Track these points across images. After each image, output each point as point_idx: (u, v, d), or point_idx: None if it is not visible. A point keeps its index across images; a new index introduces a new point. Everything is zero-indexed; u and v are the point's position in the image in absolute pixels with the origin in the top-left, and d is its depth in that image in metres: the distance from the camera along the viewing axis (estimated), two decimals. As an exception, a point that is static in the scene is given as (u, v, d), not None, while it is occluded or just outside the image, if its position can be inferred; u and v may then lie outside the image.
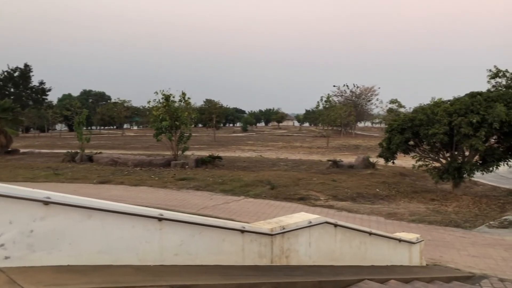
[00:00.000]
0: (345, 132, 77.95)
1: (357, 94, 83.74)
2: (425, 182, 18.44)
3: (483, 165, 15.31)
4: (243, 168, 22.07)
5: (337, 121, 58.59)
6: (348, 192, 15.30)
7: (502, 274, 7.19)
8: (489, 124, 13.51)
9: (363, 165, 21.90)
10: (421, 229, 10.46)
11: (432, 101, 16.52)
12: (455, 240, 9.61)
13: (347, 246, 5.64)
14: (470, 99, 14.49)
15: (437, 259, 7.99)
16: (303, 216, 5.24)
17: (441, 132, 14.05)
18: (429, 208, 13.38)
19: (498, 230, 10.74)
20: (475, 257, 8.27)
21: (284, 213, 8.35)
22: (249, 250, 4.46)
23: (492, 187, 17.74)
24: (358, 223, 10.72)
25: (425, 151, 16.30)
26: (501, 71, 15.37)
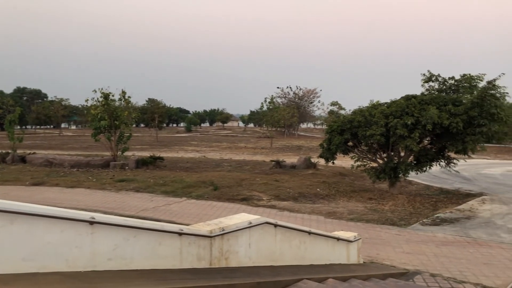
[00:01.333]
0: (288, 133, 79.13)
1: (300, 96, 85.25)
2: (364, 181, 19.04)
3: (417, 165, 16.05)
4: (186, 169, 21.77)
5: (280, 122, 59.41)
6: (290, 192, 15.48)
7: (433, 269, 7.52)
8: (423, 125, 14.16)
9: (305, 166, 22.28)
10: (359, 227, 10.77)
11: (370, 104, 17.10)
12: (391, 238, 9.97)
13: (287, 246, 5.66)
14: (406, 101, 15.13)
15: (374, 256, 8.24)
16: (244, 217, 5.19)
17: (378, 133, 14.56)
18: (367, 206, 13.82)
19: (431, 227, 11.26)
20: (409, 254, 8.60)
21: (226, 214, 8.28)
22: (187, 253, 4.35)
23: (425, 186, 18.63)
24: (299, 222, 10.88)
25: (363, 152, 16.84)
26: (434, 75, 16.15)
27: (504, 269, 7.66)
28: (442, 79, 15.97)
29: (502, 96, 14.71)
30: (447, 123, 14.02)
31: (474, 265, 7.91)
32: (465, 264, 7.98)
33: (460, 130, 14.23)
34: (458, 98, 15.23)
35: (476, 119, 14.24)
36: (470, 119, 14.30)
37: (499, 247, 9.27)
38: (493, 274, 7.37)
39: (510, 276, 7.29)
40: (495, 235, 10.34)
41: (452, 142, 14.95)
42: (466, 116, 14.23)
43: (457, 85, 15.63)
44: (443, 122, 14.04)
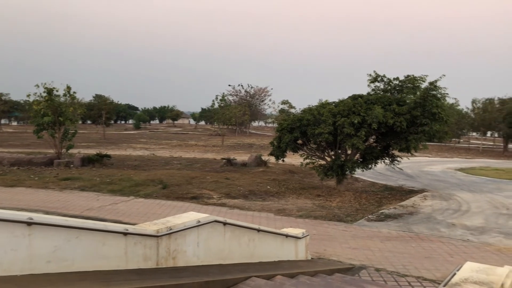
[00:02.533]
0: (240, 131, 79.20)
1: (251, 94, 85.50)
2: (312, 179, 19.38)
3: (363, 162, 16.55)
4: (134, 167, 21.29)
5: (232, 120, 59.31)
6: (240, 190, 15.49)
7: (378, 264, 7.77)
8: (369, 124, 14.60)
9: (256, 163, 22.39)
10: (307, 224, 10.95)
11: (319, 103, 17.41)
12: (338, 234, 10.21)
13: (236, 244, 5.65)
14: (352, 101, 15.54)
15: (322, 252, 8.40)
16: (192, 216, 5.13)
17: (326, 132, 14.87)
18: (315, 203, 14.07)
19: (376, 223, 11.63)
20: (355, 249, 8.84)
21: (175, 213, 8.15)
22: (132, 253, 4.24)
23: (371, 183, 19.23)
24: (249, 220, 10.91)
25: (312, 150, 17.14)
26: (379, 76, 16.68)
27: (444, 262, 8.03)
28: (387, 79, 16.52)
29: (442, 96, 15.42)
30: (391, 122, 14.53)
31: (416, 259, 8.24)
32: (408, 258, 8.30)
33: (404, 129, 14.79)
34: (402, 98, 15.82)
35: (418, 119, 14.86)
36: (413, 118, 14.90)
37: (439, 241, 9.72)
38: (433, 267, 7.71)
39: (449, 268, 7.65)
40: (435, 230, 10.83)
41: (396, 141, 15.53)
42: (410, 115, 14.82)
43: (401, 85, 16.22)
44: (388, 121, 14.53)
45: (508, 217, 12.45)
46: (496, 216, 12.55)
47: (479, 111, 48.68)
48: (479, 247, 9.32)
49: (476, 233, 10.55)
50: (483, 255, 8.62)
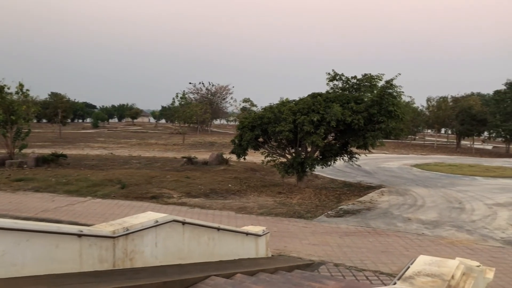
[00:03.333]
0: (201, 129, 78.63)
1: (212, 92, 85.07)
2: (273, 176, 19.51)
3: (323, 159, 16.80)
4: (92, 166, 20.74)
5: (193, 118, 58.80)
6: (201, 189, 15.39)
7: (337, 259, 7.91)
8: (328, 122, 14.83)
9: (217, 162, 22.31)
10: (268, 221, 11.00)
11: (280, 101, 17.53)
12: (298, 230, 10.31)
13: (196, 243, 5.60)
14: (312, 99, 15.73)
15: (282, 249, 8.46)
16: (150, 216, 5.04)
17: (287, 130, 15.00)
18: (276, 201, 14.17)
19: (335, 219, 11.84)
20: (315, 245, 8.96)
21: (134, 213, 7.98)
22: (88, 255, 4.12)
23: (330, 180, 19.55)
24: (210, 219, 10.85)
25: (273, 147, 17.24)
26: (338, 74, 16.96)
27: (399, 256, 8.27)
28: (346, 78, 16.83)
29: (398, 95, 15.86)
30: (349, 120, 14.81)
31: (373, 254, 8.44)
32: (365, 253, 8.49)
33: (362, 126, 15.11)
34: (359, 96, 16.16)
35: (375, 116, 15.21)
36: (370, 116, 15.24)
37: (396, 236, 10.00)
38: (390, 261, 7.93)
39: (405, 262, 7.88)
40: (392, 225, 11.13)
41: (354, 138, 15.84)
42: (367, 113, 15.15)
43: (359, 84, 16.56)
44: (346, 119, 14.80)
45: (461, 211, 12.95)
46: (449, 210, 13.03)
47: (434, 109, 50.43)
48: (433, 241, 9.65)
49: (431, 227, 10.92)
50: (437, 248, 8.94)
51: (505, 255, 8.66)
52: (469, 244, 9.44)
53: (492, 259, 8.18)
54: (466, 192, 16.47)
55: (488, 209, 13.30)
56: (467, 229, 10.77)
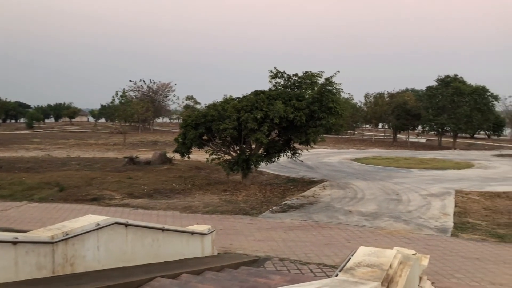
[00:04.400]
0: (143, 128, 76.86)
1: (154, 89, 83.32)
2: (219, 174, 19.48)
3: (267, 156, 17.01)
4: (27, 169, 19.73)
5: (134, 117, 57.47)
6: (144, 189, 15.10)
7: (282, 254, 8.05)
8: (271, 119, 15.02)
9: (160, 161, 21.94)
10: (214, 219, 11.00)
11: (223, 98, 17.52)
12: (244, 227, 10.39)
13: (140, 245, 5.49)
14: (255, 96, 15.86)
15: (228, 247, 8.49)
16: (91, 219, 4.88)
17: (231, 127, 15.03)
18: (222, 198, 14.18)
19: (280, 214, 12.03)
20: (260, 241, 9.06)
21: (74, 217, 7.69)
22: (24, 263, 3.93)
23: (275, 176, 19.81)
24: (154, 219, 10.68)
25: (218, 145, 17.22)
26: (280, 72, 17.20)
27: (342, 248, 8.55)
28: (287, 75, 17.10)
29: (337, 92, 16.35)
30: (292, 116, 15.08)
31: (317, 247, 8.67)
32: (309, 246, 8.71)
33: (304, 123, 15.44)
34: (301, 93, 16.49)
35: (316, 113, 15.60)
36: (311, 113, 15.61)
37: (338, 228, 10.33)
38: (333, 253, 8.18)
39: (346, 253, 8.14)
40: (334, 218, 11.48)
41: (297, 134, 16.15)
42: (308, 110, 15.50)
43: (300, 81, 16.89)
44: (288, 116, 15.06)
45: (398, 202, 13.58)
46: (387, 202, 13.63)
47: (371, 104, 52.41)
48: (373, 232, 10.06)
49: (370, 219, 11.38)
50: (376, 239, 9.33)
51: (438, 243, 9.20)
52: (406, 233, 9.93)
53: (427, 247, 8.66)
54: (402, 184, 17.28)
55: (423, 199, 14.05)
56: (404, 220, 11.32)
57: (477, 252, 8.45)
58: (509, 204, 13.48)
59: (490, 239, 9.54)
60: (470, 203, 13.50)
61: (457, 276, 7.06)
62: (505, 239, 9.53)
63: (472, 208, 12.79)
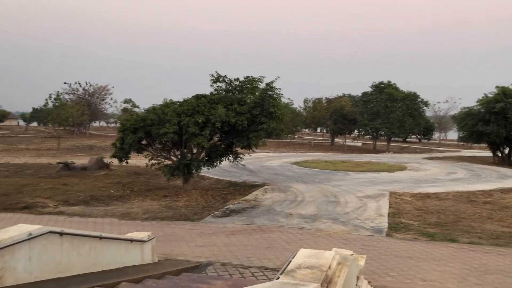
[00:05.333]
0: (78, 132, 73.89)
1: (90, 92, 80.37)
2: (159, 179, 19.12)
3: (209, 160, 16.94)
4: (-52, 177, 18.32)
5: (69, 121, 55.08)
6: (80, 196, 14.52)
7: (224, 259, 8.04)
8: (213, 123, 14.99)
9: (97, 166, 21.18)
10: (154, 226, 10.78)
11: (164, 102, 17.25)
12: (185, 233, 10.26)
13: (76, 254, 5.27)
14: (196, 100, 15.76)
15: (169, 253, 8.35)
16: (22, 228, 4.63)
17: (171, 132, 14.82)
18: (162, 204, 13.93)
19: (222, 219, 12.00)
20: (202, 247, 9.00)
21: (3, 226, 7.23)
22: None
23: (217, 180, 19.76)
24: (91, 227, 10.30)
25: (158, 150, 16.92)
26: (221, 76, 17.21)
27: (283, 251, 8.67)
28: (229, 80, 17.15)
29: (278, 96, 16.62)
30: (233, 121, 15.14)
31: (258, 250, 8.74)
32: (251, 250, 8.75)
33: (245, 127, 15.54)
34: (243, 98, 16.60)
35: (258, 117, 15.77)
36: (253, 117, 15.75)
37: (279, 231, 10.47)
38: (274, 256, 8.27)
39: (287, 256, 8.28)
40: (275, 221, 11.63)
41: (238, 139, 16.23)
42: (250, 114, 15.63)
43: (242, 86, 16.99)
44: (230, 120, 15.10)
45: (336, 204, 14.00)
46: (326, 204, 14.00)
47: (310, 109, 53.70)
48: (312, 234, 10.29)
49: (310, 221, 11.64)
50: (316, 240, 9.56)
51: (374, 243, 9.58)
52: (344, 234, 10.25)
53: (363, 247, 8.99)
54: (340, 186, 17.84)
55: (359, 201, 14.58)
56: (342, 221, 11.69)
57: (409, 251, 8.89)
58: (438, 205, 14.31)
59: (422, 238, 10.08)
60: (403, 204, 14.19)
61: (392, 274, 7.38)
62: (435, 238, 10.10)
63: (405, 209, 13.45)
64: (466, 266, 7.91)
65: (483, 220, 12.19)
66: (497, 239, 10.12)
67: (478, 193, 16.59)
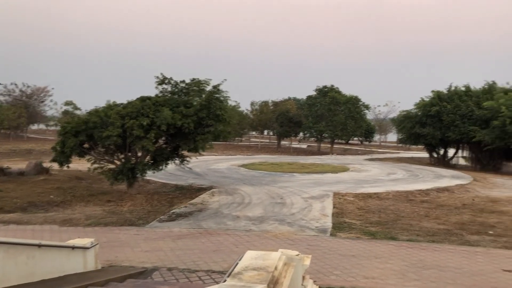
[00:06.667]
0: (15, 136, 70.17)
1: (28, 94, 76.58)
2: (102, 184, 18.54)
3: (154, 164, 16.63)
4: None
5: (4, 123, 52.26)
6: (17, 203, 13.82)
7: (170, 263, 7.94)
8: (158, 126, 14.73)
9: (35, 171, 20.21)
10: (97, 232, 10.45)
11: (107, 104, 16.75)
12: (130, 239, 10.03)
13: (12, 264, 5.02)
14: (141, 103, 15.44)
15: (113, 260, 8.13)
16: (-49, 238, 4.35)
17: (115, 135, 14.43)
18: (106, 210, 13.53)
19: (168, 223, 11.84)
20: (147, 252, 8.83)
21: None
22: None
23: (162, 184, 19.43)
24: (29, 235, 9.84)
25: (101, 154, 16.40)
26: (167, 78, 16.96)
27: (230, 253, 8.69)
28: (174, 82, 16.94)
29: (225, 99, 16.63)
30: (180, 123, 14.97)
31: (205, 254, 8.70)
32: (198, 254, 8.70)
33: (192, 130, 15.42)
34: (189, 100, 16.44)
35: (204, 120, 15.69)
36: (199, 120, 15.65)
37: (226, 234, 10.48)
38: (221, 259, 8.27)
39: (235, 258, 8.31)
40: (222, 224, 11.63)
41: (185, 141, 16.06)
42: (196, 117, 15.52)
43: (188, 88, 16.83)
44: (176, 123, 14.92)
45: (282, 206, 14.20)
46: (272, 206, 14.17)
47: (257, 112, 54.17)
48: (259, 235, 10.39)
49: (257, 223, 11.74)
50: (263, 242, 9.66)
51: (319, 243, 9.82)
52: (290, 235, 10.43)
53: (309, 247, 9.19)
54: (286, 188, 18.10)
55: (305, 202, 14.87)
56: (288, 222, 11.88)
57: (353, 250, 9.19)
58: (379, 204, 14.88)
59: (364, 237, 10.45)
60: (346, 204, 14.64)
61: (336, 273, 7.60)
62: (376, 236, 10.51)
63: (348, 209, 13.88)
64: (405, 262, 8.29)
65: (420, 218, 12.82)
66: (434, 236, 10.68)
67: (416, 193, 17.41)
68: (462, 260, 8.56)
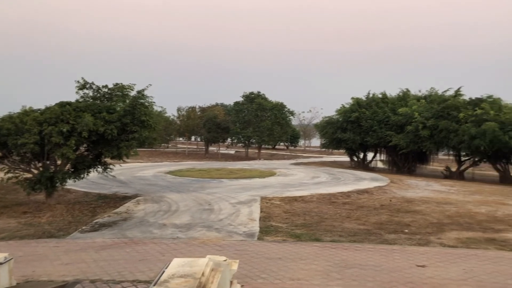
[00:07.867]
0: None
1: None
2: (17, 195, 17.36)
3: (75, 172, 15.87)
4: None
5: None
6: None
7: (93, 275, 7.62)
8: (79, 133, 14.10)
9: None
10: (11, 246, 9.78)
11: (22, 110, 15.74)
12: (49, 251, 9.49)
13: None
14: (60, 108, 14.71)
15: (30, 274, 7.65)
16: None
17: (32, 142, 13.61)
18: (21, 222, 12.70)
19: (90, 233, 11.35)
20: (68, 265, 8.41)
21: None
22: None
23: (84, 193, 18.58)
24: None
25: (16, 162, 15.38)
26: (88, 83, 16.29)
27: (156, 262, 8.52)
28: (96, 87, 16.33)
29: (150, 105, 16.32)
30: (102, 130, 14.44)
31: (131, 264, 8.46)
32: (123, 264, 8.43)
33: (115, 136, 14.92)
34: (112, 106, 15.92)
35: (129, 126, 15.25)
36: (123, 126, 15.19)
37: (152, 243, 10.25)
38: (147, 269, 8.08)
39: (161, 267, 8.18)
40: (148, 232, 11.36)
41: (108, 148, 15.49)
42: (120, 123, 15.05)
43: (111, 93, 16.30)
44: (98, 129, 14.37)
45: (210, 212, 14.17)
46: (200, 212, 14.09)
47: (184, 118, 53.68)
48: (187, 243, 10.28)
49: (184, 230, 11.61)
50: (190, 249, 9.57)
51: (247, 247, 9.92)
52: (218, 241, 10.43)
53: (237, 252, 9.25)
54: (214, 194, 18.09)
55: (233, 207, 14.95)
56: (216, 228, 11.88)
57: (279, 252, 9.39)
58: (304, 207, 15.34)
59: (290, 239, 10.72)
60: (273, 208, 14.93)
61: (263, 276, 7.73)
62: (301, 238, 10.82)
63: (274, 212, 14.16)
64: (329, 262, 8.62)
65: (343, 219, 13.39)
66: (355, 236, 11.21)
67: (338, 195, 18.18)
68: (381, 258, 9.07)
